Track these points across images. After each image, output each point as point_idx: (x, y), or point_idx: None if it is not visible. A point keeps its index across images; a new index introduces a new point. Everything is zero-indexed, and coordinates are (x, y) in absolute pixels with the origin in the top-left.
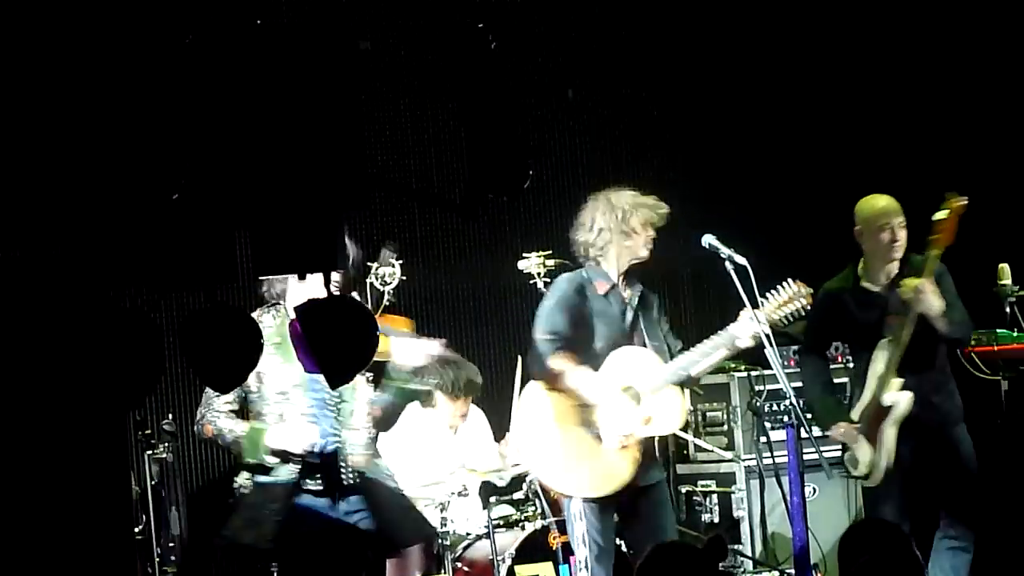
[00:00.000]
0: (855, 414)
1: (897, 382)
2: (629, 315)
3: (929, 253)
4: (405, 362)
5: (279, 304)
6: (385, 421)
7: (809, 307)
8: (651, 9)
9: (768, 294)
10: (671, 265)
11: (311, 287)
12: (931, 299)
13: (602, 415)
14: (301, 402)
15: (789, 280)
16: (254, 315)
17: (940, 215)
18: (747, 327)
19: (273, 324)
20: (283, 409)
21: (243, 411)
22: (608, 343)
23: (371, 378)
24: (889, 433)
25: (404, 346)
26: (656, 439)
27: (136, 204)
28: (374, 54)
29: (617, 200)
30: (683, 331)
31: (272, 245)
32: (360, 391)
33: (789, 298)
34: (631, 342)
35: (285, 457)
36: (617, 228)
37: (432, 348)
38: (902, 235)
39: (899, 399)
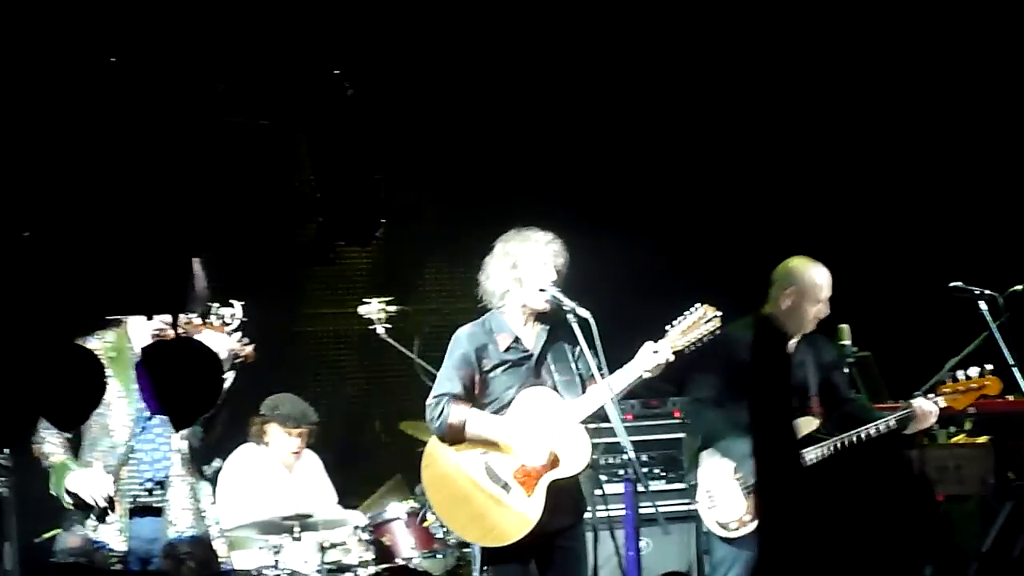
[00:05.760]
0: None
1: None
2: (533, 360)
3: None
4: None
5: (119, 324)
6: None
7: (718, 331)
8: (495, 54)
9: (674, 321)
10: None
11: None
12: None
13: (506, 461)
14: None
15: (697, 305)
16: (95, 336)
17: None
18: (648, 360)
19: (112, 342)
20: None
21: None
22: (515, 391)
23: None
24: None
25: (210, 338)
26: (570, 482)
27: None
28: (230, 96)
29: (509, 246)
30: None
31: (121, 285)
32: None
33: (694, 323)
34: (543, 385)
35: (82, 504)
36: (510, 277)
37: (232, 342)
38: None
39: None
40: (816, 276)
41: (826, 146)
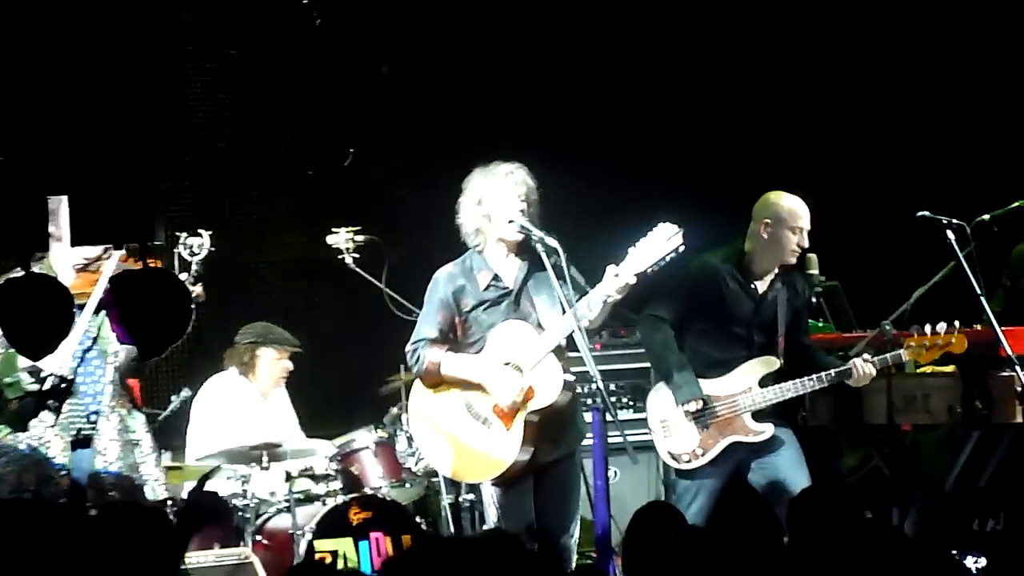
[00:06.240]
0: None
1: None
2: (514, 296)
3: None
4: None
5: (43, 257)
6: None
7: (681, 248)
8: None
9: (638, 242)
10: None
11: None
12: None
13: (484, 397)
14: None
15: (658, 224)
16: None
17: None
18: (611, 284)
19: None
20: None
21: None
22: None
23: None
24: None
25: None
26: (564, 411)
27: None
28: (196, 25)
29: (474, 183)
30: None
31: (89, 215)
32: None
33: (656, 241)
34: (526, 318)
35: (38, 373)
36: (478, 214)
37: None
38: None
39: None
40: (793, 205)
41: (795, 75)
